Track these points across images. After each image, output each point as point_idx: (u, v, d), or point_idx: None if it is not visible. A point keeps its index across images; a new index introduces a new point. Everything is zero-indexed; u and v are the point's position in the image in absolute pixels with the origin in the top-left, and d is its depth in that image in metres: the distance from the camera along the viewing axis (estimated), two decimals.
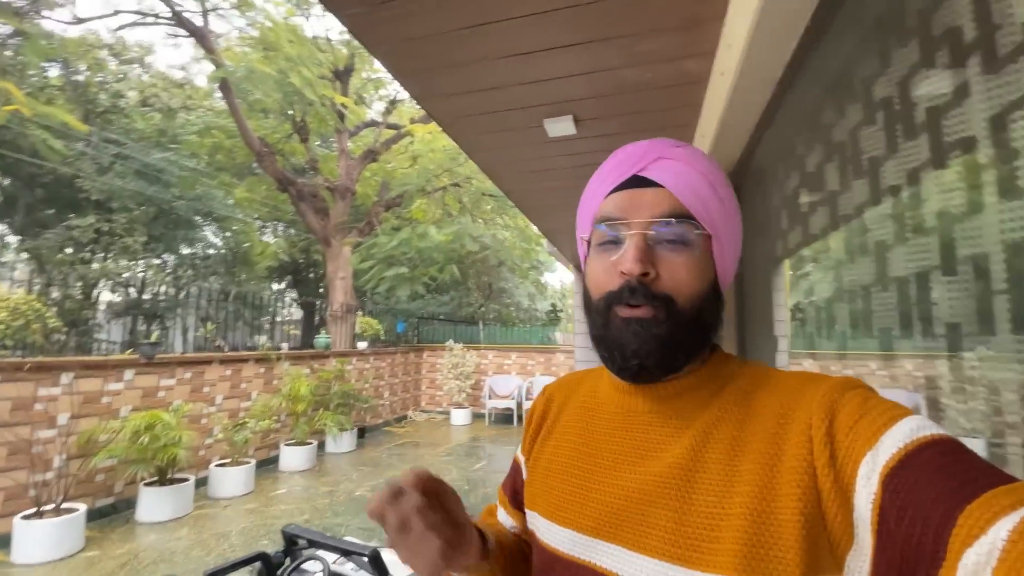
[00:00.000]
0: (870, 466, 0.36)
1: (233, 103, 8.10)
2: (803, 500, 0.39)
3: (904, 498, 0.33)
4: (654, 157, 0.51)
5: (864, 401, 0.40)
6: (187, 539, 3.43)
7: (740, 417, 0.46)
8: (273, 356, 5.49)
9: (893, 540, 0.34)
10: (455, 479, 4.98)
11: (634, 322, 0.48)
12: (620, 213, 0.50)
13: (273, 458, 5.36)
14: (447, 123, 2.65)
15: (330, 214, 9.88)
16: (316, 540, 1.70)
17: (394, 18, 1.74)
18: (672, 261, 0.48)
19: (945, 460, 0.33)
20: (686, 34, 1.81)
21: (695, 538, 0.43)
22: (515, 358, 8.90)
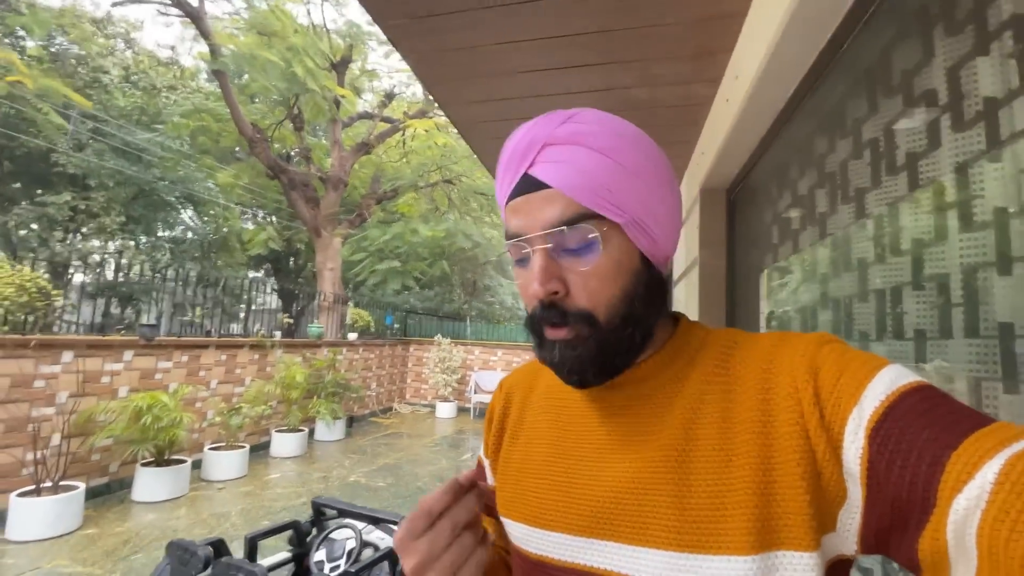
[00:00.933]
0: (856, 422, 0.36)
1: (227, 87, 8.06)
2: (801, 464, 0.39)
3: (892, 450, 0.34)
4: (539, 146, 0.45)
5: (841, 355, 0.40)
6: (186, 518, 3.50)
7: (723, 387, 0.45)
8: (268, 343, 5.55)
9: (883, 493, 0.34)
10: (444, 468, 5.13)
11: (559, 344, 0.45)
12: (517, 228, 0.46)
13: (264, 443, 5.42)
14: (464, 127, 2.81)
15: (321, 204, 9.89)
16: (346, 510, 1.85)
17: (431, 31, 1.90)
18: (580, 272, 0.44)
19: (926, 406, 0.34)
20: (697, 62, 2.01)
21: (701, 520, 0.41)
22: (501, 354, 9.07)
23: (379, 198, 10.77)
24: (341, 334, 8.35)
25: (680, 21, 1.75)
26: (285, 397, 5.42)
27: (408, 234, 9.69)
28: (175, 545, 1.39)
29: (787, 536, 0.38)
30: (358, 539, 1.68)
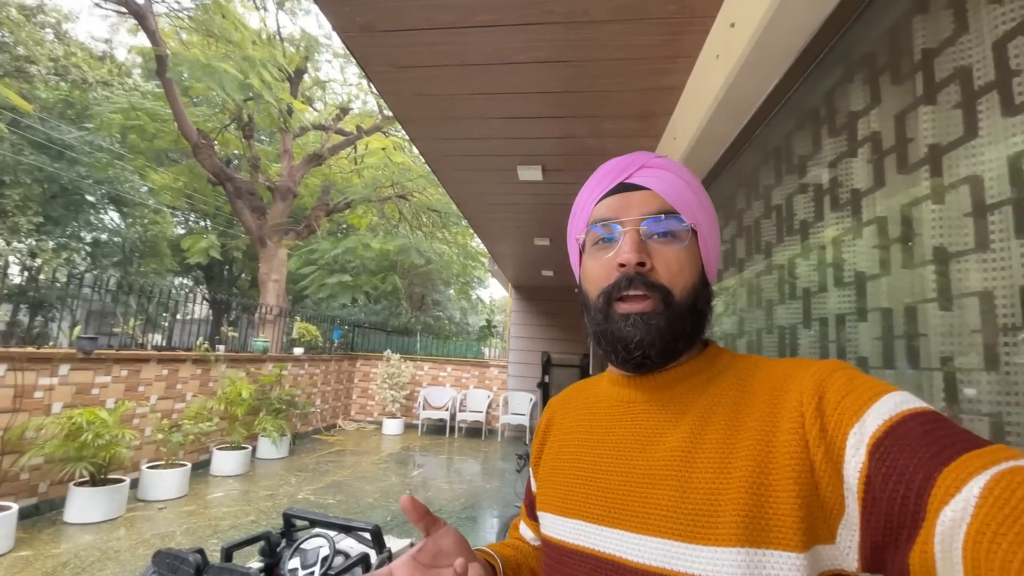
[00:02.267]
0: (857, 437, 0.38)
1: (172, 89, 7.79)
2: (797, 471, 0.41)
3: (888, 466, 0.35)
4: (638, 166, 0.55)
5: (850, 379, 0.42)
6: (127, 539, 3.37)
7: (735, 400, 0.48)
8: (212, 357, 5.39)
9: (878, 506, 0.35)
10: (395, 485, 5.17)
11: (634, 316, 0.50)
12: (613, 213, 0.53)
13: (204, 462, 5.23)
14: (432, 159, 3.02)
15: (268, 214, 9.66)
16: (318, 519, 1.96)
17: (413, 79, 2.11)
18: (665, 253, 0.51)
19: (926, 428, 0.36)
20: (642, 121, 2.34)
21: (695, 513, 0.44)
22: (450, 370, 9.14)
23: (329, 210, 10.65)
24: (282, 347, 8.15)
25: (629, 88, 2.07)
26: (229, 413, 5.28)
27: (361, 248, 9.63)
28: (163, 554, 1.46)
29: (776, 536, 0.41)
30: (331, 547, 1.79)
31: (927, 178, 0.94)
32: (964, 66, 0.84)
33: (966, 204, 0.84)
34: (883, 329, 1.06)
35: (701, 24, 1.63)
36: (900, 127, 1.02)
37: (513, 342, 8.61)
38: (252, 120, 9.07)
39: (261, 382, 5.92)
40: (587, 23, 1.67)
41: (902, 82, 1.02)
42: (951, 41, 0.87)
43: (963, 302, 0.85)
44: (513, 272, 7.20)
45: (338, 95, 12.24)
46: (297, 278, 12.27)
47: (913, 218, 0.97)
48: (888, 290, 1.06)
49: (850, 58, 1.19)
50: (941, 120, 0.90)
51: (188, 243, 9.47)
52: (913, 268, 0.97)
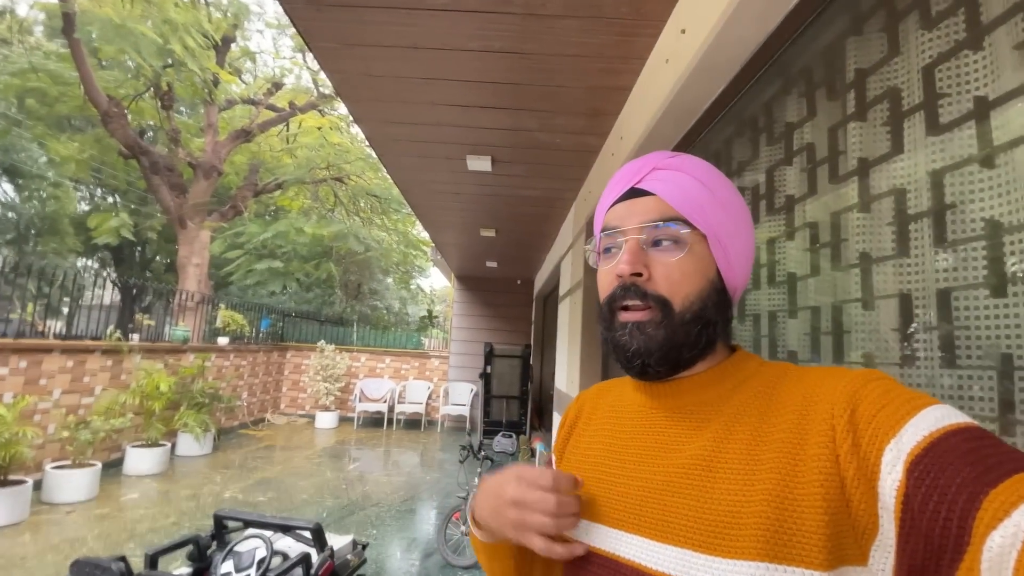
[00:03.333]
0: (894, 454, 0.36)
1: (80, 51, 6.99)
2: (825, 486, 0.39)
3: (929, 485, 0.33)
4: (649, 169, 0.53)
5: (887, 391, 0.40)
6: (33, 545, 3.03)
7: (762, 410, 0.47)
8: (125, 348, 4.94)
9: (917, 528, 0.33)
10: (330, 480, 5.01)
11: (631, 325, 0.50)
12: (616, 222, 0.53)
13: (116, 461, 4.80)
14: (377, 142, 2.91)
15: (189, 193, 8.94)
16: (253, 520, 1.86)
17: (360, 58, 2.02)
18: (665, 262, 0.50)
19: (970, 447, 0.34)
20: (590, 119, 2.37)
21: (717, 524, 0.43)
22: (389, 362, 8.94)
23: (258, 190, 10.01)
24: (204, 337, 7.61)
25: (580, 85, 2.09)
26: (144, 408, 4.87)
27: (293, 233, 9.14)
28: (82, 563, 1.33)
29: (798, 552, 0.39)
30: (268, 548, 1.71)
31: (855, 188, 1.02)
32: (894, 86, 0.92)
33: (889, 214, 0.92)
34: (811, 326, 1.15)
35: (652, 28, 1.68)
36: (833, 140, 1.10)
37: (455, 332, 8.56)
38: (172, 89, 8.31)
39: (182, 374, 5.51)
40: (543, 16, 1.67)
41: (836, 98, 1.10)
42: (883, 63, 0.95)
43: (883, 303, 0.93)
44: (457, 262, 7.13)
45: (270, 68, 11.48)
46: (221, 263, 11.47)
47: (841, 225, 1.06)
48: (816, 290, 1.15)
49: (790, 72, 1.27)
50: (870, 135, 0.98)
51: (95, 221, 8.57)
52: (840, 271, 1.06)
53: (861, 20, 1.03)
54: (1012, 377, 0.67)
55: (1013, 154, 0.69)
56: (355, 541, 2.00)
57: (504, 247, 5.60)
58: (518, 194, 3.60)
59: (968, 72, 0.77)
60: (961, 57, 0.78)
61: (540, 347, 7.72)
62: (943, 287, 0.80)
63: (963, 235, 0.76)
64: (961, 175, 0.77)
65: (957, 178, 0.78)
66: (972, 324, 0.73)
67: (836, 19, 1.11)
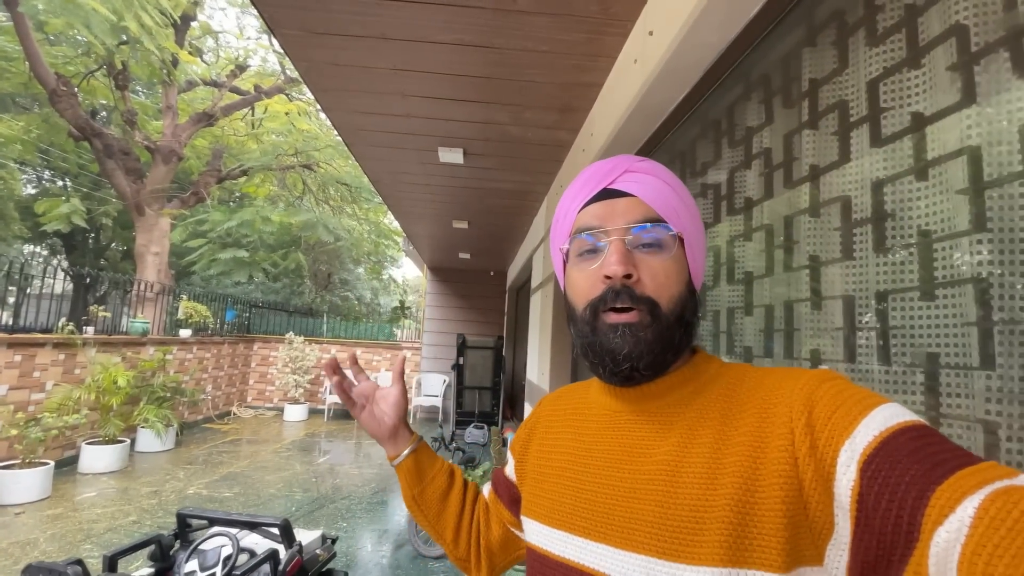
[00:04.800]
0: (849, 454, 0.37)
1: (24, 25, 6.56)
2: (785, 489, 0.40)
3: (880, 483, 0.34)
4: (622, 171, 0.53)
5: (840, 391, 0.41)
6: None
7: (723, 412, 0.47)
8: (78, 341, 4.73)
9: (871, 525, 0.35)
10: (299, 473, 4.95)
11: (623, 327, 0.49)
12: (597, 221, 0.52)
13: (70, 459, 4.62)
14: (347, 132, 2.87)
15: (147, 178, 8.55)
16: (218, 518, 1.84)
17: (327, 47, 1.99)
18: (652, 264, 0.50)
19: (917, 444, 0.35)
20: (561, 114, 2.39)
21: (680, 530, 0.43)
22: (360, 353, 8.84)
23: (221, 176, 9.67)
24: (165, 328, 7.36)
25: (551, 81, 2.10)
26: (101, 404, 4.69)
27: (259, 221, 8.86)
28: (34, 568, 1.29)
29: (759, 556, 0.40)
30: (235, 545, 1.69)
31: (806, 194, 1.08)
32: (843, 99, 0.97)
33: (836, 219, 0.98)
34: (765, 323, 1.21)
35: (621, 27, 1.70)
36: (788, 145, 1.15)
37: (428, 324, 8.52)
38: (127, 68, 7.90)
39: (141, 368, 5.32)
40: (513, 12, 1.67)
41: (792, 105, 1.15)
42: (834, 74, 1.00)
43: (829, 303, 0.99)
44: (429, 253, 7.08)
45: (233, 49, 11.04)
46: (182, 251, 11.06)
47: (793, 227, 1.11)
48: (770, 289, 1.21)
49: (750, 78, 1.32)
50: (821, 143, 1.04)
51: (44, 206, 8.12)
52: (792, 271, 1.12)
53: (815, 32, 1.08)
54: (937, 375, 0.73)
55: (944, 167, 0.75)
56: (324, 536, 2.00)
57: (477, 239, 5.59)
58: (490, 187, 3.60)
59: (907, 88, 0.83)
60: (902, 73, 0.83)
61: (512, 339, 7.77)
62: (881, 289, 0.85)
63: (900, 241, 0.81)
64: (899, 185, 0.82)
65: (895, 188, 0.83)
66: (905, 324, 0.79)
67: (793, 30, 1.16)
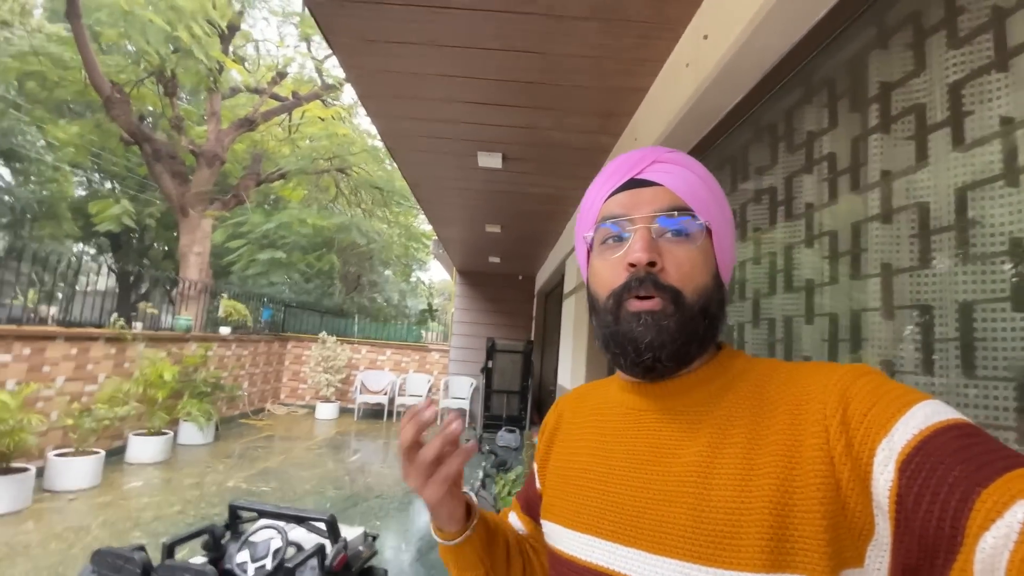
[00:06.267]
0: (886, 453, 0.36)
1: (83, 35, 6.93)
2: (822, 490, 0.38)
3: (921, 484, 0.33)
4: (650, 161, 0.52)
5: (877, 387, 0.40)
6: (37, 532, 3.06)
7: (754, 410, 0.46)
8: (128, 336, 4.94)
9: (911, 527, 0.33)
10: (333, 470, 5.04)
11: (645, 315, 0.48)
12: (623, 210, 0.51)
13: (118, 449, 4.82)
14: (390, 138, 2.92)
15: (192, 181, 8.90)
16: (267, 511, 1.89)
17: (380, 54, 2.03)
18: (677, 253, 0.49)
19: (961, 444, 0.34)
20: (604, 119, 2.39)
21: (716, 534, 0.42)
22: (390, 354, 8.97)
23: (260, 180, 9.98)
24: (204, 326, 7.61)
25: (595, 86, 2.10)
26: (147, 397, 4.88)
27: (296, 223, 9.11)
28: (103, 553, 1.35)
29: (801, 560, 0.38)
30: (283, 538, 1.73)
31: (877, 199, 1.05)
32: (920, 102, 0.94)
33: (910, 226, 0.95)
34: (829, 332, 1.18)
35: (672, 32, 1.69)
36: (855, 150, 1.12)
37: (456, 327, 8.58)
38: (176, 76, 8.25)
39: (185, 363, 5.52)
40: (565, 17, 1.68)
41: (860, 109, 1.12)
42: (908, 78, 0.97)
43: (902, 313, 0.96)
44: (460, 257, 7.14)
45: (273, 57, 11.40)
46: (221, 252, 11.46)
47: (862, 234, 1.08)
48: (832, 297, 1.18)
49: (813, 81, 1.29)
50: (893, 148, 1.01)
51: (97, 207, 8.54)
52: (859, 279, 1.09)
53: (888, 34, 1.05)
54: None
55: None
56: (366, 533, 2.03)
57: (508, 243, 5.62)
58: (526, 191, 3.62)
59: (992, 91, 0.80)
60: (988, 76, 0.80)
61: (541, 343, 7.75)
62: (964, 299, 0.82)
63: (985, 250, 0.78)
64: (984, 191, 0.80)
65: (979, 194, 0.80)
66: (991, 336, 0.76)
67: (863, 32, 1.13)
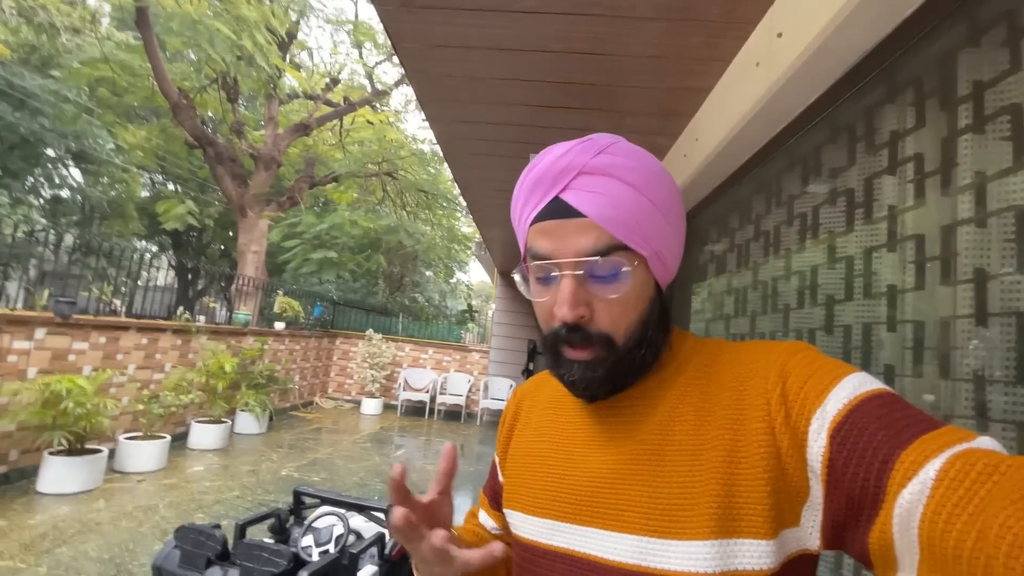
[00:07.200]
0: (820, 422, 0.39)
1: (152, 43, 7.41)
2: (766, 458, 0.41)
3: (849, 449, 0.36)
4: (574, 173, 0.47)
5: (811, 362, 0.43)
6: (108, 511, 3.29)
7: (702, 388, 0.48)
8: (192, 328, 5.25)
9: (840, 488, 0.37)
10: (378, 464, 5.18)
11: (578, 364, 0.49)
12: (547, 250, 0.48)
13: (181, 435, 5.12)
14: (445, 141, 2.99)
15: (250, 183, 9.36)
16: (330, 498, 1.97)
17: (443, 59, 2.09)
18: (606, 299, 0.47)
19: (884, 411, 0.37)
20: (663, 120, 2.36)
21: (669, 507, 0.44)
22: (431, 353, 9.13)
23: (314, 182, 10.39)
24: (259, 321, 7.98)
25: (656, 86, 2.09)
26: (208, 386, 5.17)
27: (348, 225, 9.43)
28: (186, 529, 1.45)
29: (747, 525, 0.41)
30: (345, 525, 1.80)
31: (970, 202, 1.00)
32: (1016, 102, 0.90)
33: (1010, 230, 0.90)
34: (914, 340, 1.13)
35: (742, 30, 1.66)
36: (946, 151, 1.07)
37: (496, 328, 8.65)
38: (237, 83, 8.71)
39: (243, 355, 5.81)
40: (630, 19, 1.68)
41: (949, 109, 1.07)
42: (1003, 76, 0.92)
43: (999, 320, 0.91)
44: (502, 259, 7.20)
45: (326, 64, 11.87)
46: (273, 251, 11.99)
47: (953, 238, 1.04)
48: (918, 304, 1.13)
49: (897, 80, 1.24)
50: (988, 149, 0.96)
51: (164, 207, 9.11)
52: (949, 285, 1.04)
53: (980, 32, 1.01)
54: None
55: None
56: None
57: None
58: None
59: None
60: None
61: None
62: None
63: None
64: None
65: None
66: None
67: (952, 29, 1.08)
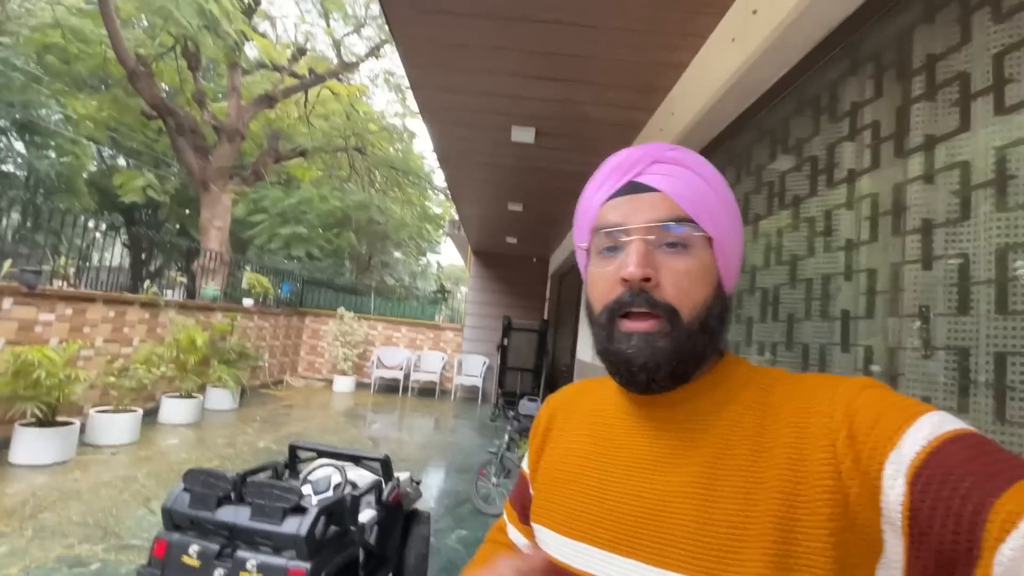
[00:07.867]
0: (896, 466, 0.35)
1: (108, 7, 7.00)
2: (830, 505, 0.38)
3: (934, 497, 0.33)
4: (649, 162, 0.49)
5: (881, 399, 0.40)
6: (86, 481, 3.25)
7: (758, 423, 0.45)
8: (161, 302, 5.12)
9: (927, 542, 0.33)
10: (355, 436, 5.23)
11: (637, 336, 0.47)
12: (618, 219, 0.48)
13: (151, 409, 5.03)
14: (428, 110, 3.02)
15: (212, 156, 9.02)
16: (326, 451, 2.04)
17: (434, 25, 2.12)
18: (674, 267, 0.47)
19: (970, 454, 0.34)
20: (641, 94, 2.47)
21: (718, 548, 0.41)
22: (405, 331, 9.15)
23: (279, 157, 10.08)
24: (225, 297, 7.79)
25: (638, 60, 2.19)
26: (179, 361, 5.07)
27: (317, 200, 9.24)
28: (196, 472, 1.50)
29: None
30: (343, 474, 1.88)
31: (920, 162, 1.14)
32: (963, 71, 1.04)
33: (955, 184, 1.05)
34: (867, 288, 1.29)
35: (718, 6, 1.77)
36: (901, 118, 1.21)
37: (470, 307, 8.73)
38: (199, 51, 8.32)
39: (214, 330, 5.70)
40: None
41: (905, 79, 1.21)
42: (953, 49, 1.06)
43: (941, 263, 1.06)
44: (477, 236, 7.25)
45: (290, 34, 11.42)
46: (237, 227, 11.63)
47: (904, 195, 1.18)
48: (868, 256, 1.28)
49: (860, 53, 1.38)
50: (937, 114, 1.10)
51: (122, 178, 8.69)
52: (897, 236, 1.19)
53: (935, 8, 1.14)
54: None
55: None
56: (412, 477, 2.18)
57: (529, 222, 5.71)
58: (555, 168, 3.70)
59: None
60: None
61: (554, 324, 7.89)
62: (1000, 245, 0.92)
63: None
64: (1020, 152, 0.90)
65: (1018, 154, 0.90)
66: None
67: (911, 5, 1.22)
